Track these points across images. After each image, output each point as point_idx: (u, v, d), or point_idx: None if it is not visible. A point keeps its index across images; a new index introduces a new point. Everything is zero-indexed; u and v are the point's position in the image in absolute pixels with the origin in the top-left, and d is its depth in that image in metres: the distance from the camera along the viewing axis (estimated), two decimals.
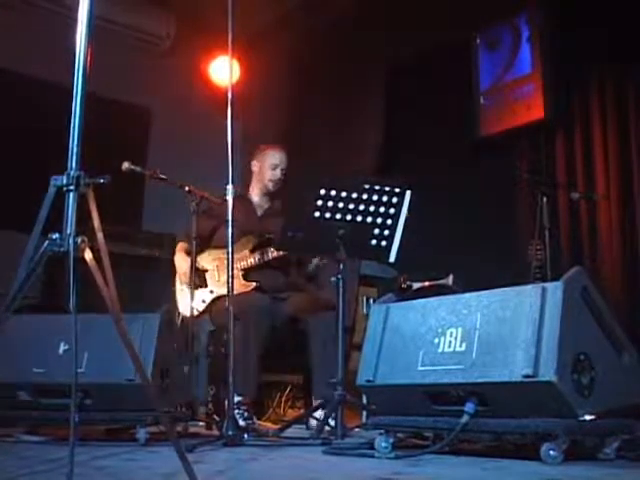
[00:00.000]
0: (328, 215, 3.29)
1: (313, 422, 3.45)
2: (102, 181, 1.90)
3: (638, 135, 4.46)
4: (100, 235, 1.85)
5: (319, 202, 3.28)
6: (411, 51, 5.47)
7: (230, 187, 2.94)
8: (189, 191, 3.92)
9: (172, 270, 4.22)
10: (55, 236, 1.84)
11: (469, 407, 2.34)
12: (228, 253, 2.98)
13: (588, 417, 2.24)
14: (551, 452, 2.18)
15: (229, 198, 2.94)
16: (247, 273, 4.03)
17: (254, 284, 3.99)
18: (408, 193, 3.31)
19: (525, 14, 5.06)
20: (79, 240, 1.83)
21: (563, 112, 4.82)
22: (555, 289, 2.27)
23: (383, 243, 3.35)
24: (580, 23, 4.65)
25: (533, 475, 2.03)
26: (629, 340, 2.48)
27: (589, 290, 2.35)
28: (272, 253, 3.97)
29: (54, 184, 1.89)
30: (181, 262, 4.08)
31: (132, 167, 3.86)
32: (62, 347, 2.93)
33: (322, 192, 3.28)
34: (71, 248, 1.82)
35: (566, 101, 4.83)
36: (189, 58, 6.11)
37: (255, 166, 4.29)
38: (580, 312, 2.31)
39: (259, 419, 3.98)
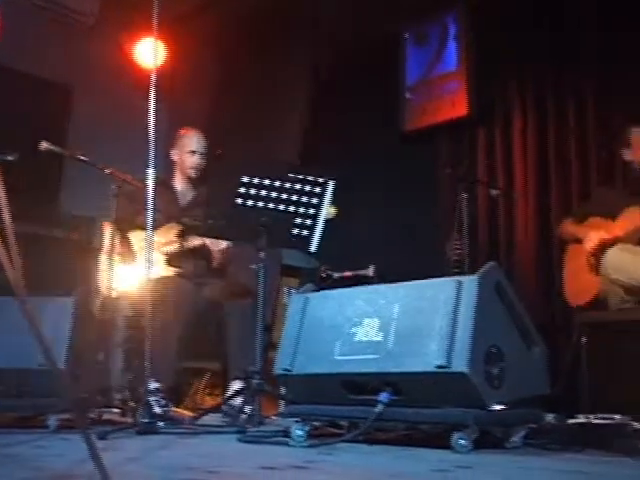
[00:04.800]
0: (250, 203, 3.28)
1: (229, 409, 3.44)
2: (10, 158, 1.83)
3: (556, 134, 4.60)
4: (6, 213, 1.79)
5: (241, 189, 3.26)
6: (340, 43, 5.48)
7: (151, 171, 2.89)
8: (110, 174, 3.83)
9: (91, 253, 4.13)
10: None
11: (384, 397, 2.38)
12: (148, 238, 2.94)
13: (497, 407, 2.31)
14: (461, 441, 2.24)
15: (149, 182, 2.90)
16: (170, 259, 3.98)
17: (177, 270, 3.95)
18: (331, 184, 3.33)
19: (453, 12, 5.15)
20: None
21: (486, 110, 4.93)
22: (470, 283, 2.32)
23: (305, 232, 3.35)
24: (504, 23, 4.76)
25: (443, 463, 2.08)
26: (540, 333, 2.56)
27: (503, 285, 2.41)
28: (195, 240, 3.93)
29: None
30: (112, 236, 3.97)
31: (50, 147, 3.74)
32: None
33: (245, 179, 3.26)
34: None
35: (489, 99, 4.94)
36: (114, 38, 5.96)
37: (175, 155, 4.22)
38: (493, 306, 2.37)
39: (176, 406, 3.93)
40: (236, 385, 3.60)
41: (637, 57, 4.07)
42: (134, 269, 3.99)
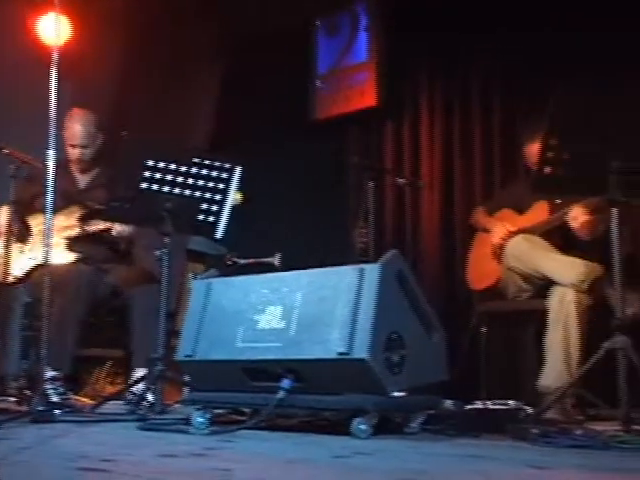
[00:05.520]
0: (156, 187, 3.22)
1: (131, 398, 3.38)
2: None
3: (462, 127, 4.70)
4: None
5: (147, 173, 3.20)
6: (251, 30, 5.43)
7: (51, 152, 2.80)
8: (8, 154, 3.69)
9: None
10: None
11: (285, 383, 2.38)
12: (47, 221, 2.86)
13: (397, 393, 2.36)
14: (361, 426, 2.28)
15: (49, 163, 2.81)
16: (71, 244, 3.87)
17: (77, 255, 3.85)
18: (238, 170, 3.31)
19: (364, 3, 5.17)
20: None
21: (394, 101, 4.98)
22: (372, 271, 2.35)
23: (211, 219, 3.33)
24: (414, 15, 4.81)
25: (342, 449, 2.10)
26: (442, 320, 2.62)
27: (404, 272, 2.45)
28: (97, 224, 3.84)
29: None
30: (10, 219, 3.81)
31: None
32: None
33: (150, 163, 3.20)
34: None
35: (398, 92, 5.00)
36: (16, 10, 5.71)
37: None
38: (394, 293, 2.41)
39: (76, 395, 3.85)
40: (139, 373, 3.55)
41: (541, 58, 4.19)
42: (33, 254, 3.86)
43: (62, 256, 3.79)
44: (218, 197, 3.31)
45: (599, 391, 2.88)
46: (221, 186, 3.30)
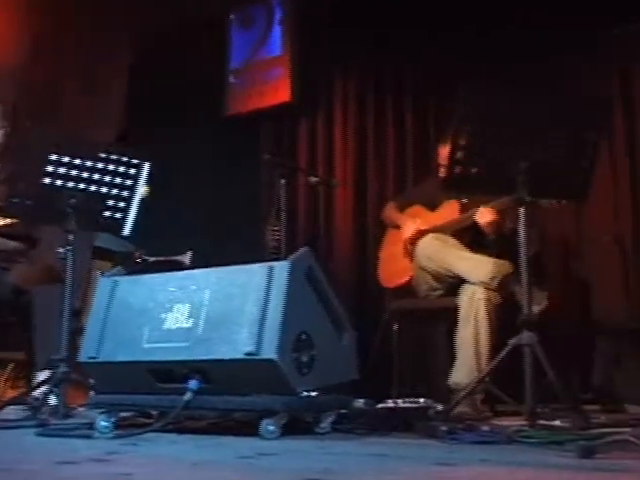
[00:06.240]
0: (59, 182, 3.10)
1: (32, 402, 3.25)
2: None
3: (376, 125, 4.74)
4: None
5: (50, 168, 3.08)
6: (163, 22, 5.32)
7: None
8: None
9: None
10: None
11: (192, 384, 2.32)
12: None
13: (306, 393, 2.33)
14: (269, 427, 2.24)
15: None
16: None
17: None
18: (146, 165, 3.22)
19: None
20: None
21: (309, 97, 4.97)
22: (281, 269, 2.31)
23: (117, 215, 3.23)
24: (329, 11, 4.80)
25: (249, 450, 2.05)
26: (354, 317, 2.61)
27: (314, 271, 2.43)
28: None
29: None
30: None
31: None
32: None
33: (54, 157, 3.08)
34: None
35: (312, 89, 4.98)
36: None
37: None
38: (304, 292, 2.38)
39: None
40: (42, 376, 3.41)
41: (453, 57, 4.25)
42: None
43: None
44: (125, 193, 3.21)
45: (507, 387, 2.94)
46: (129, 182, 3.20)
